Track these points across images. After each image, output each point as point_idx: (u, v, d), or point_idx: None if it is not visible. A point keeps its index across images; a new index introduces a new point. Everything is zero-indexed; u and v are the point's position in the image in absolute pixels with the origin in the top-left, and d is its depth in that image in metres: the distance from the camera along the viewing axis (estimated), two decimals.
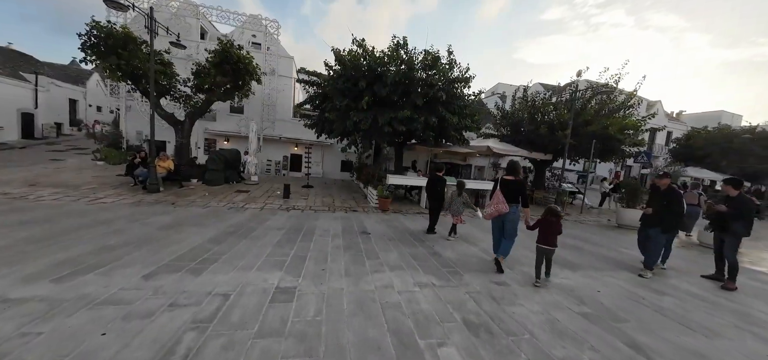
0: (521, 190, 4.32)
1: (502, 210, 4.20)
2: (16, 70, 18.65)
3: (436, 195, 6.40)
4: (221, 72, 10.78)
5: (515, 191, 4.28)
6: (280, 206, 8.48)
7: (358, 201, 10.35)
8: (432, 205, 6.48)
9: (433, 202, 6.45)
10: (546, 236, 3.93)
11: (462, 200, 6.15)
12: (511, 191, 4.28)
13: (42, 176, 9.71)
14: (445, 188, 6.54)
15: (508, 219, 4.27)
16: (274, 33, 16.55)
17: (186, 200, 8.27)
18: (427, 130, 9.74)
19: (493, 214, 4.35)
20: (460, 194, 6.15)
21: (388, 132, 9.92)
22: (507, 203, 4.20)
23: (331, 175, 18.26)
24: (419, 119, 9.42)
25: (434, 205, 6.45)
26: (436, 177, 6.56)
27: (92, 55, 8.93)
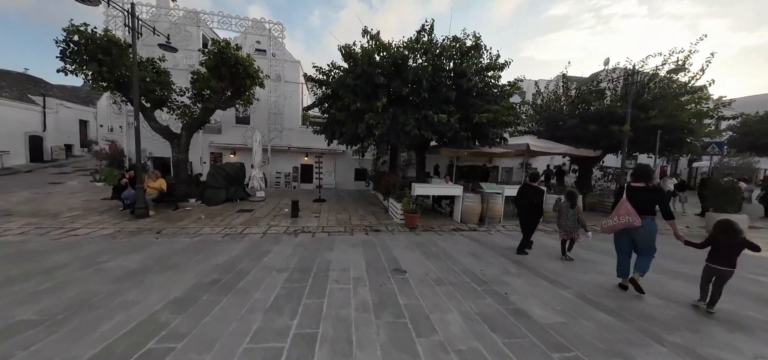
0: (659, 199, 3.56)
1: (634, 223, 3.49)
2: (24, 93, 18.12)
3: (533, 208, 5.26)
4: (218, 76, 9.41)
5: (650, 200, 3.55)
6: (286, 229, 6.90)
7: (379, 216, 8.67)
8: (526, 221, 5.36)
9: (532, 217, 5.32)
10: (723, 256, 3.19)
11: (575, 214, 4.88)
12: (643, 201, 3.54)
13: (26, 203, 8.52)
14: (541, 200, 5.36)
15: (643, 234, 3.54)
16: (279, 36, 15.27)
17: (175, 227, 6.81)
18: (464, 130, 7.97)
19: (618, 228, 3.67)
20: (573, 206, 4.91)
21: (413, 135, 8.23)
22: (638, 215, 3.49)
23: (345, 185, 16.70)
24: (453, 117, 7.68)
25: (532, 219, 5.32)
26: (531, 187, 5.35)
27: (72, 63, 7.70)
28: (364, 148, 8.17)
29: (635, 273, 3.68)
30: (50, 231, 6.13)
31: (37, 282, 3.60)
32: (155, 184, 8.24)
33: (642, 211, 3.51)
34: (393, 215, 8.45)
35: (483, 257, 4.96)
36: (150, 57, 9.97)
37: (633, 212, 3.49)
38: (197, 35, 15.19)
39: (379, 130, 7.85)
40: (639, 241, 3.61)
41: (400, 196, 8.39)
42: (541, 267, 4.56)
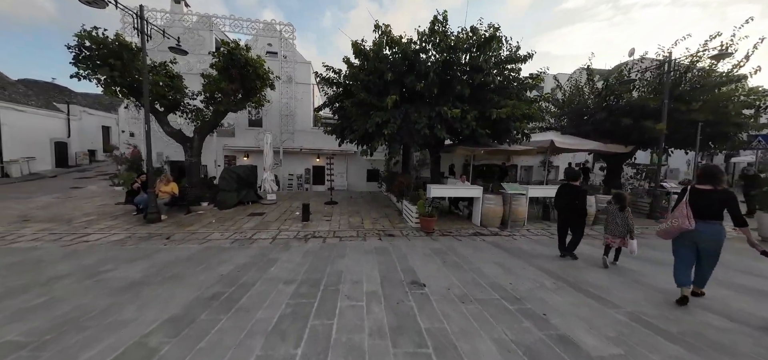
0: (729, 203, 3.11)
1: (685, 226, 3.16)
2: (50, 101, 18.83)
3: (575, 210, 4.81)
4: (228, 78, 9.25)
5: (717, 204, 3.13)
6: (296, 234, 6.58)
7: (393, 219, 8.23)
8: (565, 226, 5.00)
9: (575, 220, 4.88)
10: None
11: (625, 217, 4.41)
12: (709, 205, 3.15)
13: (44, 208, 8.62)
14: (583, 202, 4.84)
15: (708, 239, 3.16)
16: (289, 38, 15.11)
17: (185, 232, 6.63)
18: (482, 127, 7.42)
19: (673, 232, 3.32)
20: (622, 209, 4.46)
21: (424, 134, 7.77)
22: (702, 220, 3.13)
23: (357, 186, 16.37)
24: (469, 114, 7.16)
25: (574, 223, 4.89)
26: (572, 188, 4.89)
27: (85, 68, 7.69)
28: (373, 148, 7.73)
29: (694, 286, 3.37)
30: (62, 237, 6.05)
31: (33, 295, 3.39)
32: (167, 188, 8.13)
33: (707, 215, 3.14)
34: (407, 218, 7.99)
35: (511, 268, 4.43)
36: (163, 61, 9.95)
37: (686, 215, 3.16)
38: (210, 39, 15.25)
39: (389, 129, 7.43)
40: (703, 249, 3.22)
41: (415, 198, 7.93)
42: (581, 280, 3.99)
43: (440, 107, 7.33)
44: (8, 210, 8.27)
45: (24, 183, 13.71)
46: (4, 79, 16.42)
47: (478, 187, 7.40)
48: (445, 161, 14.80)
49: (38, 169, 16.31)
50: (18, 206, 8.78)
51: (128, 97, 8.72)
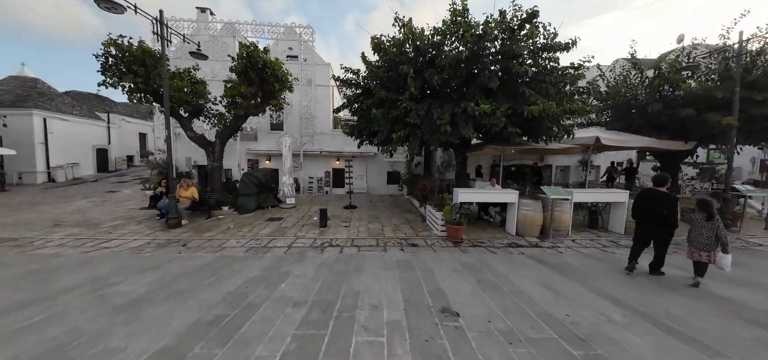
0: None
1: None
2: (92, 111, 20.13)
3: (662, 221, 4.06)
4: (247, 81, 9.10)
5: None
6: (313, 241, 6.15)
7: (415, 226, 7.59)
8: (644, 238, 4.29)
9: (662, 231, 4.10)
10: None
11: (712, 228, 3.74)
12: None
13: (78, 213, 8.90)
14: (673, 212, 4.03)
15: None
16: (309, 40, 14.95)
17: (202, 238, 6.42)
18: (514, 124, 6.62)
19: None
20: (710, 218, 3.79)
21: (446, 131, 7.09)
22: None
23: (377, 189, 15.86)
24: (499, 109, 6.38)
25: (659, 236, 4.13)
26: (659, 195, 4.15)
27: (111, 76, 7.80)
28: (396, 143, 7.12)
29: None
30: (85, 242, 6.04)
31: (35, 311, 3.15)
32: (187, 193, 8.06)
33: None
34: (432, 225, 7.32)
35: (564, 291, 3.66)
36: (187, 68, 10.03)
37: None
38: (234, 46, 15.45)
39: (412, 118, 6.81)
40: None
41: (440, 203, 7.24)
42: (659, 309, 3.15)
43: (466, 103, 6.61)
44: (46, 214, 8.60)
45: (68, 187, 14.57)
46: (52, 92, 17.71)
47: (513, 191, 6.57)
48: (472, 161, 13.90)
49: (81, 173, 17.38)
50: (55, 210, 9.14)
51: (152, 103, 8.79)
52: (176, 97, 8.88)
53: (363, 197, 13.21)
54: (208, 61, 12.33)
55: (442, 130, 6.90)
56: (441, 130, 6.94)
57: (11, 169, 14.77)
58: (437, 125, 6.89)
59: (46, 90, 17.34)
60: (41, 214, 8.69)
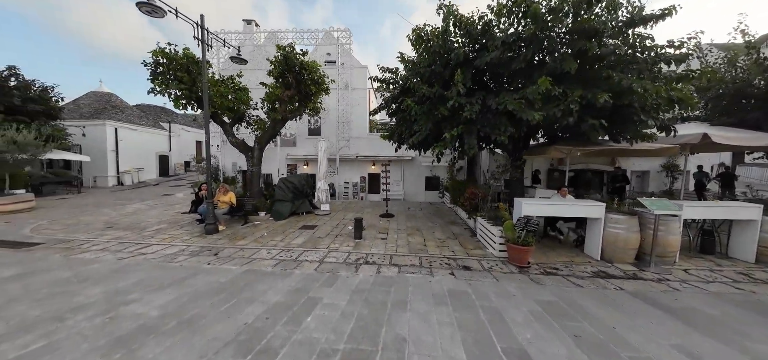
0: None
1: None
2: (157, 121, 22.14)
3: None
4: (285, 84, 8.79)
5: None
6: (347, 256, 5.36)
7: (464, 241, 6.43)
8: None
9: None
10: None
11: None
12: None
13: (130, 215, 9.27)
14: None
15: None
16: (346, 43, 14.57)
17: (235, 246, 6.01)
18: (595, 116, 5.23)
19: None
20: None
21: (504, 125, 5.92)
22: None
23: (414, 196, 14.82)
24: (571, 96, 5.05)
25: None
26: None
27: (160, 84, 7.96)
28: (445, 144, 6.08)
29: None
30: (126, 247, 5.96)
31: (36, 336, 2.74)
32: (225, 198, 7.86)
33: None
34: (485, 241, 6.11)
35: None
36: (230, 75, 10.09)
37: None
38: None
39: (468, 112, 5.74)
40: None
41: (494, 216, 6.03)
42: None
43: (526, 90, 5.39)
44: (104, 216, 9.07)
45: (132, 190, 15.88)
46: (124, 105, 19.74)
47: (598, 204, 5.12)
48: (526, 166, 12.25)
49: (145, 178, 19.00)
50: (112, 213, 9.65)
51: (196, 110, 8.87)
52: (219, 104, 8.88)
53: (400, 204, 12.28)
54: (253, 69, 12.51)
55: (503, 126, 5.76)
56: (501, 123, 5.80)
57: (88, 174, 16.59)
58: (498, 115, 5.76)
59: (119, 103, 19.36)
60: (100, 215, 9.19)
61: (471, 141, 6.32)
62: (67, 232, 7.12)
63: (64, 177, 14.12)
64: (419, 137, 6.81)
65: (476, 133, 6.39)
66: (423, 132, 6.78)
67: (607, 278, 4.30)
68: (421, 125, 6.81)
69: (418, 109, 6.72)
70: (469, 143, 6.26)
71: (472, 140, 6.33)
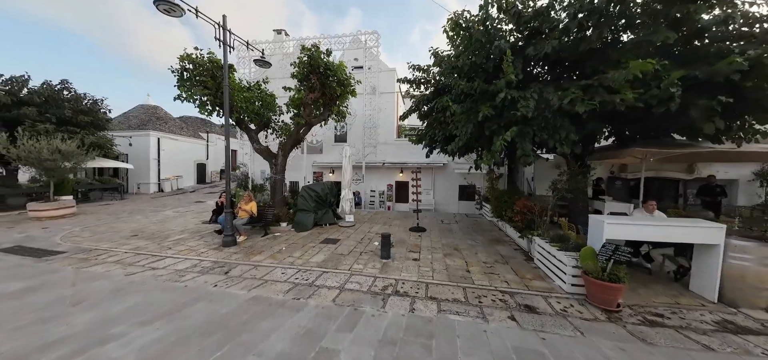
0: None
1: None
2: (196, 131, 23.22)
3: None
4: (309, 87, 8.22)
5: None
6: (372, 283, 4.41)
7: (518, 267, 5.18)
8: None
9: None
10: None
11: None
12: None
13: (158, 223, 9.19)
14: None
15: None
16: (374, 46, 13.92)
17: (249, 263, 5.36)
18: (709, 97, 3.85)
19: None
20: None
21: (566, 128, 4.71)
22: None
23: (446, 205, 13.56)
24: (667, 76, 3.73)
25: None
26: None
27: (186, 91, 7.76)
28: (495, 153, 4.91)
29: None
30: (140, 260, 5.57)
31: None
32: (247, 207, 7.35)
33: None
34: (547, 270, 4.82)
35: None
36: (257, 82, 9.80)
37: None
38: None
39: (523, 108, 4.61)
40: None
41: (558, 237, 4.74)
42: None
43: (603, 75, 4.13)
44: (134, 223, 9.06)
45: (170, 197, 16.44)
46: (168, 116, 20.89)
47: (716, 226, 3.66)
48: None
49: (184, 185, 19.77)
50: (144, 220, 9.66)
51: (220, 115, 8.58)
52: (243, 108, 8.53)
53: (431, 216, 11.13)
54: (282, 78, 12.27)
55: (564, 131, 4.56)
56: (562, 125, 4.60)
57: (133, 181, 17.55)
58: (558, 115, 4.56)
59: (163, 115, 20.51)
60: (132, 223, 9.20)
61: (525, 146, 5.12)
62: (93, 240, 7.01)
63: (109, 184, 14.93)
64: (459, 142, 5.73)
65: (531, 135, 5.17)
66: (464, 136, 5.69)
67: (742, 334, 2.88)
68: (462, 128, 5.73)
69: (459, 110, 5.67)
70: (523, 149, 5.06)
71: (526, 145, 5.12)
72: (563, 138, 4.89)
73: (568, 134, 4.87)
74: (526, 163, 5.20)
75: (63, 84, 13.53)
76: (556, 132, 5.00)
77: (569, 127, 4.91)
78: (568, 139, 4.86)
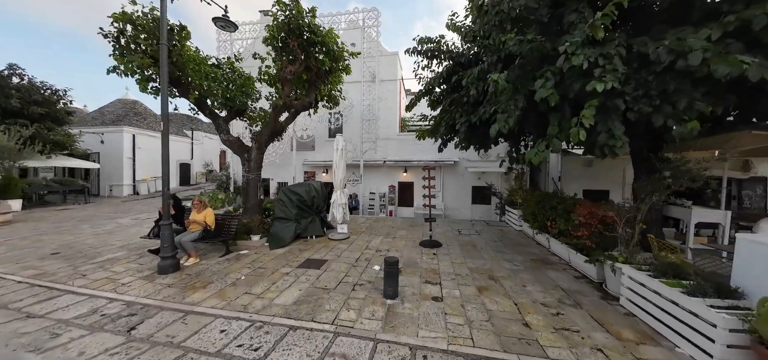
0: None
1: None
2: (181, 128, 21.24)
3: None
4: (287, 53, 6.27)
5: None
6: (371, 350, 2.43)
7: (600, 313, 3.20)
8: None
9: None
10: None
11: None
12: None
13: (96, 236, 7.21)
14: None
15: None
16: (373, 26, 11.97)
17: (179, 306, 3.41)
18: None
19: None
20: None
21: (688, 93, 2.79)
22: None
23: (458, 210, 11.60)
24: None
25: None
26: None
27: (125, 62, 5.78)
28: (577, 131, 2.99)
29: None
30: (23, 298, 3.61)
31: None
32: (199, 218, 5.36)
33: None
34: (647, 317, 2.85)
35: None
36: (229, 59, 7.83)
37: None
38: None
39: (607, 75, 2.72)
40: None
41: (669, 268, 2.80)
42: None
43: None
44: (70, 235, 7.08)
45: (143, 201, 14.43)
46: (147, 112, 18.94)
47: None
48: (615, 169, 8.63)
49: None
50: (89, 230, 7.69)
51: (175, 95, 6.60)
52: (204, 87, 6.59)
53: (443, 224, 9.15)
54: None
55: (685, 97, 2.70)
56: (683, 88, 2.71)
57: (105, 182, 15.54)
58: (672, 77, 2.68)
59: (142, 110, 18.54)
60: (69, 234, 7.23)
61: (614, 127, 3.18)
62: (9, 263, 5.02)
63: (71, 186, 12.93)
64: (506, 125, 3.74)
65: (622, 113, 3.23)
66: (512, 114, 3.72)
67: None
68: (510, 106, 3.77)
69: (499, 79, 3.70)
70: (610, 133, 3.14)
71: (615, 126, 3.19)
72: (685, 108, 2.94)
73: (691, 103, 2.92)
74: (612, 153, 3.24)
75: (11, 69, 11.53)
76: (669, 101, 3.07)
77: (692, 92, 2.97)
78: (692, 110, 2.92)
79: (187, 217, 5.45)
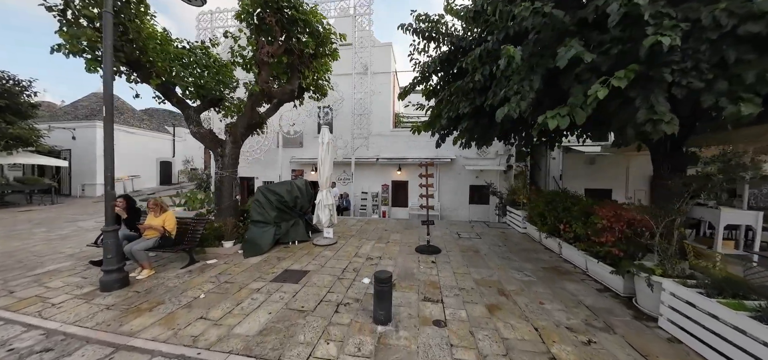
0: None
1: None
2: (161, 125, 20.10)
3: None
4: (265, 33, 5.49)
5: None
6: None
7: (636, 338, 2.54)
8: None
9: None
10: None
11: None
12: None
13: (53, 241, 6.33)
14: None
15: None
16: (364, 15, 11.22)
17: (115, 337, 2.61)
18: None
19: None
20: None
21: None
22: None
23: (455, 211, 10.98)
24: None
25: None
26: None
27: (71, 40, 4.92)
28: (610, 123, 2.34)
29: None
30: None
31: None
32: (156, 222, 4.54)
33: None
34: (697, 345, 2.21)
35: None
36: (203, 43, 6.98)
37: None
38: None
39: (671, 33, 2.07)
40: None
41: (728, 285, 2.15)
42: None
43: None
44: (18, 240, 6.18)
45: None
46: (125, 107, 17.84)
47: None
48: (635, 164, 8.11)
49: (142, 186, 16.68)
50: (41, 235, 6.77)
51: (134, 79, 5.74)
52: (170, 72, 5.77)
53: (440, 226, 8.48)
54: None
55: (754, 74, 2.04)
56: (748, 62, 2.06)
57: (77, 181, 14.42)
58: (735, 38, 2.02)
59: (120, 105, 17.40)
60: (18, 239, 6.33)
61: (659, 104, 2.56)
62: None
63: (36, 185, 11.83)
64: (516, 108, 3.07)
65: (667, 87, 2.61)
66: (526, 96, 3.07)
67: None
68: (523, 86, 3.11)
69: (513, 51, 3.03)
70: (653, 111, 2.51)
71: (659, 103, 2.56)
72: (752, 83, 2.32)
73: (763, 75, 2.31)
74: (656, 132, 2.60)
75: None
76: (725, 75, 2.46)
77: (761, 62, 2.35)
78: (764, 83, 2.31)
79: (141, 222, 4.63)
